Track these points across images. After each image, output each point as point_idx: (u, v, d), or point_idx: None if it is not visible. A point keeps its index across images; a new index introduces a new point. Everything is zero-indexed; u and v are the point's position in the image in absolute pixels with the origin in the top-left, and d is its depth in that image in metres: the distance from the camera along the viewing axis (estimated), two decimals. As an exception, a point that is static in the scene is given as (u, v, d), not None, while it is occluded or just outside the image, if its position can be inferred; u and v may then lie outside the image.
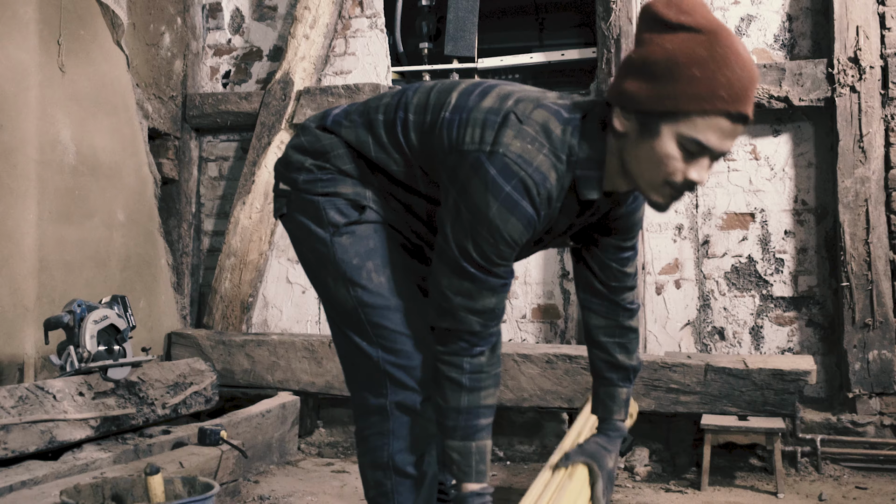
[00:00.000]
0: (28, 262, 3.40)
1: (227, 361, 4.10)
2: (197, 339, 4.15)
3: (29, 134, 3.44)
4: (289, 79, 4.41)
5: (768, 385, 3.47)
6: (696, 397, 3.57)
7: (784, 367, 3.46)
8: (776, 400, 3.47)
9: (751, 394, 3.49)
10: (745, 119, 1.60)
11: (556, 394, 3.71)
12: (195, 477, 2.35)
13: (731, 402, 3.53)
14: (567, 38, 4.78)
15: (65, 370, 3.04)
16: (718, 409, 3.54)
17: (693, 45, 1.58)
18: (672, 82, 1.59)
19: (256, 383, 4.08)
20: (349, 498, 3.18)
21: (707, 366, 3.54)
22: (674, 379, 3.60)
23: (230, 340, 4.13)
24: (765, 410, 3.48)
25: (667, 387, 3.61)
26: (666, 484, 3.41)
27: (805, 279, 3.90)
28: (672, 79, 1.59)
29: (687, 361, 3.60)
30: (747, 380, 3.50)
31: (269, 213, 4.46)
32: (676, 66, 1.58)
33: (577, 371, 3.68)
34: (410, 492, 1.92)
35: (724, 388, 3.53)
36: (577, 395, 3.68)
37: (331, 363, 4.04)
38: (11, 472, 2.54)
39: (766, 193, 3.97)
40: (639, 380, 3.62)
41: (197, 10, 4.70)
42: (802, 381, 3.44)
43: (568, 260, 4.18)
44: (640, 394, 3.63)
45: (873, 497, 3.21)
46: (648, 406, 3.65)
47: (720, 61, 1.56)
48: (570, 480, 1.91)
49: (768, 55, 4.00)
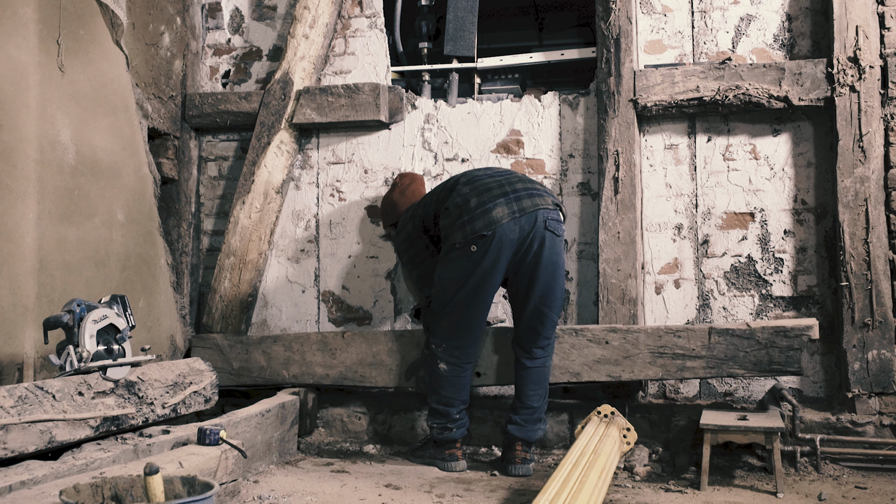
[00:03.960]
0: (28, 261, 3.40)
1: (245, 360, 4.26)
2: (216, 340, 4.33)
3: (29, 134, 3.44)
4: (288, 78, 4.42)
5: (772, 343, 3.53)
6: (702, 361, 3.63)
7: (786, 324, 3.55)
8: (782, 358, 3.53)
9: (756, 353, 3.55)
10: None
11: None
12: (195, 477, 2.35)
13: (737, 364, 3.58)
14: (567, 37, 4.78)
15: (64, 370, 3.04)
16: (725, 372, 3.61)
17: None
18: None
19: (273, 379, 4.22)
20: (349, 498, 3.18)
21: (711, 329, 3.63)
22: (679, 344, 3.66)
23: (247, 339, 4.30)
24: (771, 370, 3.54)
25: (672, 353, 3.66)
26: (665, 484, 3.41)
27: (804, 279, 3.90)
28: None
29: (690, 326, 3.68)
30: (751, 339, 3.56)
31: (269, 213, 4.47)
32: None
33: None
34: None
35: (730, 350, 3.60)
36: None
37: (344, 354, 4.11)
38: (11, 472, 2.54)
39: (765, 193, 3.97)
40: (645, 349, 3.70)
41: (196, 9, 4.70)
42: (805, 336, 3.52)
43: (568, 260, 4.18)
44: (647, 362, 3.69)
45: (873, 497, 3.21)
46: (655, 374, 3.69)
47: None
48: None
49: (768, 55, 4.00)
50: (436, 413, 3.69)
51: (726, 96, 3.88)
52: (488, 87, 4.59)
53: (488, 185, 3.54)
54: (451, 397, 3.65)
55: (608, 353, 3.75)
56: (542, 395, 3.63)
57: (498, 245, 3.44)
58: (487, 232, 3.42)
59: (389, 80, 4.51)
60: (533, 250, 3.49)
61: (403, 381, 4.02)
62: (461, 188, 3.57)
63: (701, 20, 4.10)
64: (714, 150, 4.05)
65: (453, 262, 3.53)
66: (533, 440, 3.61)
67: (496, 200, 3.47)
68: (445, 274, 3.57)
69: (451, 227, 3.52)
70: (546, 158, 4.25)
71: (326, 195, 4.52)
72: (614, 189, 4.00)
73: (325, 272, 4.50)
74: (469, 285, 3.51)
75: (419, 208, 3.78)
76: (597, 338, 3.77)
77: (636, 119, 4.02)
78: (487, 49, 4.80)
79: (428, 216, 3.71)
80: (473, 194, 3.51)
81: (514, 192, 3.52)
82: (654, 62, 4.11)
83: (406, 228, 3.81)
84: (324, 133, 4.56)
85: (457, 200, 3.52)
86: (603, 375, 3.75)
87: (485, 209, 3.45)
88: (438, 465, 3.68)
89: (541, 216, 3.49)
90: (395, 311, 4.39)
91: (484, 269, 3.48)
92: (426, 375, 3.83)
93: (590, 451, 3.08)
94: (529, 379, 3.61)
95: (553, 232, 3.51)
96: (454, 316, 3.58)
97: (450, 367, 3.63)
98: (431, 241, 3.75)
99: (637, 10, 4.13)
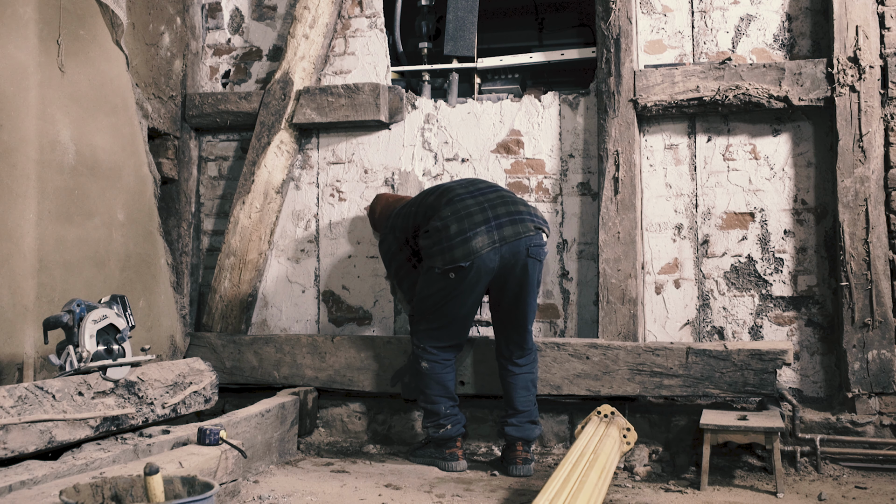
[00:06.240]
0: (28, 261, 3.39)
1: (237, 359, 4.30)
2: (210, 339, 4.37)
3: (29, 134, 3.43)
4: (288, 78, 4.41)
5: (747, 365, 3.60)
6: (679, 380, 3.69)
7: (762, 347, 3.62)
8: (756, 380, 3.60)
9: (731, 375, 3.62)
10: None
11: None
12: (194, 477, 2.35)
13: (713, 384, 3.65)
14: (567, 37, 4.77)
15: (64, 370, 3.04)
16: (701, 391, 3.67)
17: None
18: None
19: (264, 379, 4.27)
20: (349, 498, 3.18)
21: (688, 349, 3.69)
22: (657, 363, 3.72)
23: (240, 339, 4.33)
24: (745, 391, 3.61)
25: (651, 370, 3.72)
26: (665, 484, 3.41)
27: (804, 279, 3.90)
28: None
29: (669, 346, 3.73)
30: (727, 361, 3.63)
31: (269, 213, 4.46)
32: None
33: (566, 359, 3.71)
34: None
35: (706, 370, 3.66)
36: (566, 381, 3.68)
37: (333, 358, 4.14)
38: (11, 472, 2.54)
39: (765, 193, 3.97)
40: (624, 365, 3.76)
41: (196, 9, 4.70)
42: (780, 361, 3.58)
43: (567, 260, 4.18)
44: (626, 378, 3.75)
45: (873, 497, 3.21)
46: (634, 391, 3.75)
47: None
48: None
49: (768, 55, 4.00)
50: (427, 413, 3.74)
51: (726, 96, 3.88)
52: (488, 87, 4.59)
53: (470, 210, 3.51)
54: (437, 395, 3.69)
55: (588, 367, 3.79)
56: (532, 400, 3.69)
57: (476, 274, 3.47)
58: (465, 263, 3.43)
59: (389, 80, 4.51)
60: (515, 275, 3.53)
61: (389, 387, 4.07)
62: (443, 210, 3.54)
63: (701, 20, 4.10)
64: (714, 150, 4.04)
65: (433, 282, 3.55)
66: (532, 439, 3.63)
67: (477, 229, 3.45)
68: (426, 290, 3.61)
69: (430, 248, 3.52)
70: (546, 158, 4.25)
71: (326, 195, 4.52)
72: (614, 189, 3.99)
73: (325, 272, 4.50)
74: (448, 303, 3.57)
75: (398, 219, 3.78)
76: (578, 353, 3.81)
77: (636, 119, 4.02)
78: (487, 49, 4.80)
79: (407, 228, 3.72)
80: (454, 219, 3.48)
81: (495, 217, 3.50)
82: (654, 62, 4.11)
83: (388, 240, 3.83)
84: (324, 133, 4.56)
85: (437, 224, 3.50)
86: (583, 390, 3.81)
87: (465, 238, 3.43)
88: (438, 464, 3.68)
89: (523, 245, 3.50)
90: (395, 311, 4.39)
91: (462, 292, 3.53)
92: (412, 381, 3.91)
93: (590, 451, 3.08)
94: (518, 385, 3.66)
95: (535, 258, 3.55)
96: (435, 322, 3.65)
97: (430, 364, 3.68)
98: (413, 253, 3.76)
99: (637, 10, 4.13)
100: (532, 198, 4.24)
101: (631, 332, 3.90)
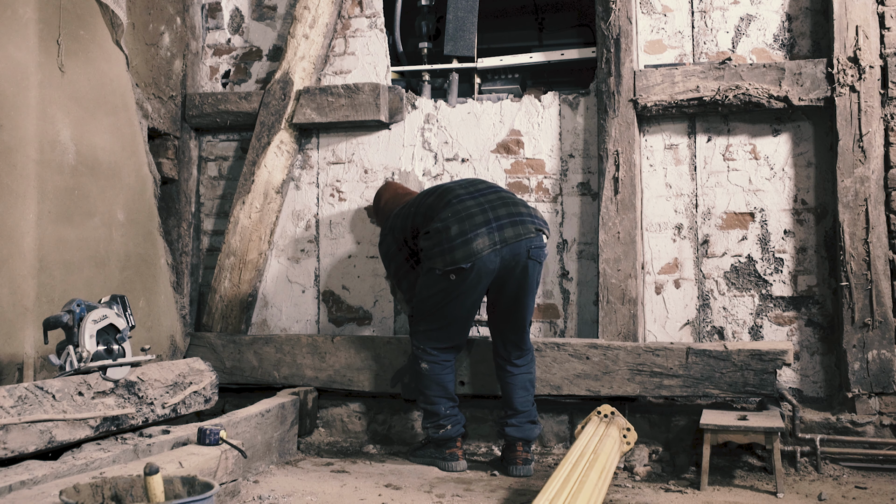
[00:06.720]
0: (28, 261, 3.40)
1: (237, 359, 4.31)
2: (209, 339, 4.38)
3: (29, 134, 3.44)
4: (288, 78, 4.42)
5: (747, 366, 3.60)
6: (679, 380, 3.69)
7: (762, 347, 3.62)
8: (756, 381, 3.60)
9: (731, 375, 3.62)
10: None
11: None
12: (194, 477, 2.35)
13: (713, 384, 3.65)
14: (567, 37, 4.77)
15: (64, 370, 3.04)
16: (701, 391, 3.67)
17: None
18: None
19: (264, 379, 4.28)
20: (349, 498, 3.18)
21: (688, 349, 3.69)
22: (657, 363, 3.72)
23: (240, 339, 4.33)
24: (745, 391, 3.61)
25: (651, 371, 3.72)
26: (665, 484, 3.41)
27: (804, 279, 3.90)
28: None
29: (669, 346, 3.74)
30: (727, 361, 3.63)
31: (269, 213, 4.47)
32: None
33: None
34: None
35: (706, 371, 3.67)
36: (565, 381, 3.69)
37: (333, 358, 4.15)
38: (11, 472, 2.54)
39: (765, 193, 3.97)
40: (624, 365, 3.76)
41: (196, 9, 4.70)
42: (780, 361, 3.59)
43: (567, 260, 4.18)
44: (626, 379, 3.75)
45: (873, 497, 3.21)
46: (634, 391, 3.75)
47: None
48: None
49: (768, 55, 4.00)
50: (427, 414, 3.74)
51: (726, 96, 3.88)
52: (488, 87, 4.59)
53: (470, 212, 3.50)
54: (437, 396, 3.69)
55: (588, 368, 3.79)
56: (531, 400, 3.69)
57: (477, 276, 3.47)
58: (466, 264, 3.43)
59: (389, 80, 4.51)
60: (515, 276, 3.53)
61: (389, 387, 4.07)
62: (443, 211, 3.53)
63: (701, 20, 4.10)
64: (714, 150, 4.04)
65: (433, 283, 3.55)
66: (532, 439, 3.64)
67: (478, 230, 3.44)
68: (425, 291, 3.60)
69: (430, 250, 3.51)
70: (546, 158, 4.25)
71: (326, 195, 4.52)
72: (614, 189, 4.00)
73: (325, 272, 4.50)
74: (448, 304, 3.57)
75: (397, 220, 3.77)
76: (578, 353, 3.81)
77: (636, 119, 4.02)
78: (487, 49, 4.80)
79: (406, 229, 3.71)
80: (455, 221, 3.47)
81: (496, 219, 3.49)
82: (654, 62, 4.11)
83: (387, 240, 3.82)
84: (324, 133, 4.56)
85: (437, 225, 3.49)
86: (583, 390, 3.81)
87: (465, 239, 3.42)
88: (438, 464, 3.69)
89: (524, 246, 3.50)
90: (395, 311, 4.39)
91: (462, 293, 3.53)
92: (411, 381, 3.92)
93: (590, 451, 3.08)
94: (517, 385, 3.66)
95: (535, 260, 3.55)
96: (435, 323, 3.65)
97: (430, 365, 3.68)
98: (412, 253, 3.75)
99: (637, 10, 4.13)
100: (532, 198, 4.24)
101: (631, 333, 3.90)
